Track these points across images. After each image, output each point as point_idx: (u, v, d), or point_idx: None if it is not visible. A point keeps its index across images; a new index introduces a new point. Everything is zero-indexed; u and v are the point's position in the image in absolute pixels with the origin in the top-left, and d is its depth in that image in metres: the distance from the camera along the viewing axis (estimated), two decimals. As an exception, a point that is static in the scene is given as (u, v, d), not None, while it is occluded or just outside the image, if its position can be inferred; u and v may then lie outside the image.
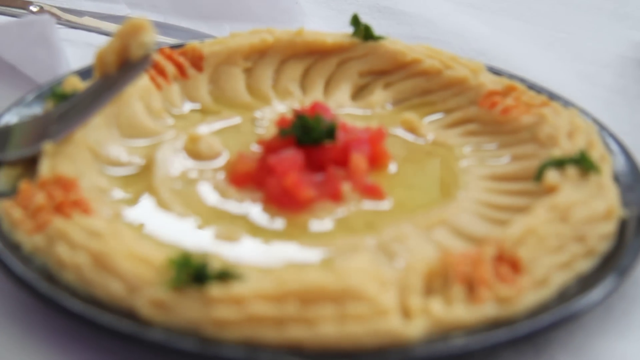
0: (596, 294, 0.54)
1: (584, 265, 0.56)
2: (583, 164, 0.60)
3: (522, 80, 0.69)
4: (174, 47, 0.70)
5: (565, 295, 0.54)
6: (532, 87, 0.69)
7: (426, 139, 0.66)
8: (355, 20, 0.71)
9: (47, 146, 0.60)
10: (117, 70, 0.66)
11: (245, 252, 0.57)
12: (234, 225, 0.58)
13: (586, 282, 0.55)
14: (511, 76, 0.70)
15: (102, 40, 0.70)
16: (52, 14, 0.74)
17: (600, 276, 0.55)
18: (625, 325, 0.56)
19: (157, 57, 0.68)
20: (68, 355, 0.52)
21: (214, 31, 0.75)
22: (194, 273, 0.51)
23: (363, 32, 0.71)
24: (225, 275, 0.51)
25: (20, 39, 0.71)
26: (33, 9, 0.77)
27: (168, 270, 0.51)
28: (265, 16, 0.78)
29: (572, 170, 0.60)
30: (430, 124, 0.67)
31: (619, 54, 0.79)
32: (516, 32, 0.81)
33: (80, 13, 0.77)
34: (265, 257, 0.56)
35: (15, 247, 0.55)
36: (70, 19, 0.77)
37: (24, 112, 0.64)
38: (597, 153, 0.62)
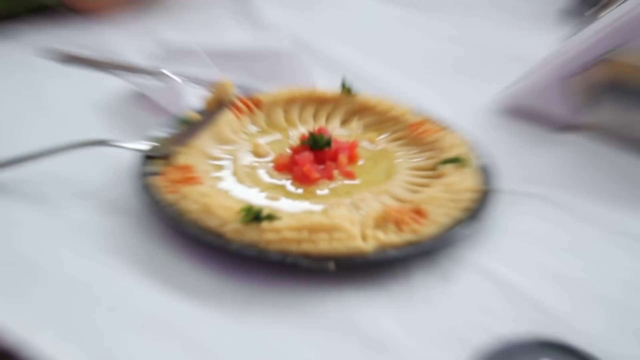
0: (465, 230, 0.58)
1: (459, 215, 0.59)
2: (460, 161, 0.64)
3: (430, 116, 0.72)
4: (245, 95, 0.72)
5: (447, 229, 0.58)
6: (434, 120, 0.71)
7: (378, 147, 0.69)
8: (343, 83, 0.73)
9: (179, 149, 0.64)
10: (215, 107, 0.70)
11: (282, 205, 0.60)
12: (276, 192, 0.62)
13: (459, 222, 0.59)
14: (423, 113, 0.72)
15: (206, 91, 0.72)
16: (182, 80, 0.76)
17: (466, 220, 0.59)
18: (484, 246, 0.59)
19: (236, 101, 0.70)
20: (187, 260, 0.56)
21: (266, 87, 0.75)
22: (254, 215, 0.55)
23: (347, 90, 0.73)
24: (271, 217, 0.55)
25: (165, 91, 0.74)
26: (171, 76, 0.78)
27: (241, 214, 0.55)
28: (294, 79, 0.79)
29: (454, 165, 0.64)
30: (381, 139, 0.70)
31: (485, 102, 0.82)
32: (429, 92, 0.84)
33: (194, 79, 0.78)
34: (292, 207, 0.60)
35: (162, 201, 0.58)
36: (189, 80, 0.78)
37: (167, 130, 0.66)
38: (468, 156, 0.65)
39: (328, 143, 0.66)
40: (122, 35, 0.95)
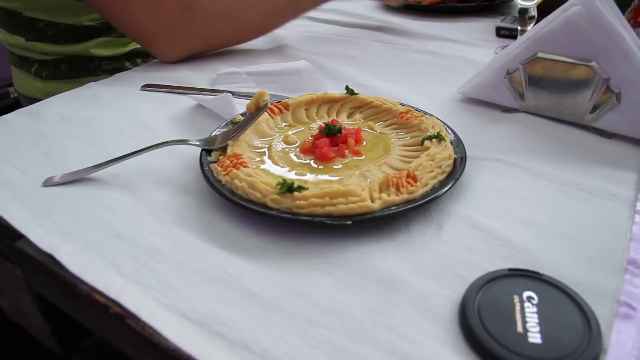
0: (447, 187, 0.50)
1: (441, 177, 0.51)
2: (439, 137, 0.55)
3: (412, 106, 0.63)
4: (277, 101, 0.65)
5: (434, 189, 0.49)
6: (417, 109, 0.63)
7: (377, 132, 0.60)
8: (347, 87, 0.65)
9: (230, 142, 0.56)
10: (255, 110, 0.61)
11: (308, 178, 0.52)
12: (303, 169, 0.54)
13: (443, 183, 0.50)
14: (407, 105, 0.64)
15: (248, 100, 0.64)
16: (230, 94, 0.70)
17: (448, 180, 0.51)
18: (463, 200, 0.51)
19: (270, 105, 0.63)
20: (238, 226, 0.48)
21: (292, 95, 0.68)
22: (287, 187, 0.46)
23: (351, 91, 0.65)
24: (300, 188, 0.47)
25: (219, 103, 0.67)
26: (223, 92, 0.72)
27: (277, 187, 0.47)
28: (312, 88, 0.73)
29: (434, 141, 0.55)
30: (378, 126, 0.61)
31: (450, 95, 0.73)
32: (409, 91, 0.76)
33: (240, 93, 0.74)
34: (316, 179, 0.52)
35: (218, 181, 0.51)
36: (236, 94, 0.73)
37: (221, 130, 0.59)
38: (444, 133, 0.56)
39: (339, 130, 0.57)
40: (191, 70, 0.89)
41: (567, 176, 0.54)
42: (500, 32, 1.03)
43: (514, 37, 0.99)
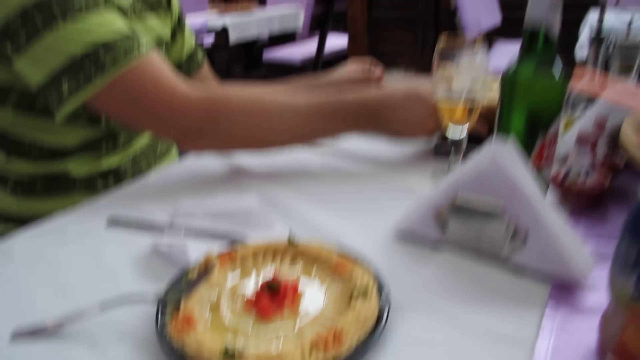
0: (369, 344, 0.57)
1: (364, 332, 0.59)
2: (365, 293, 0.63)
3: (346, 252, 0.71)
4: (227, 248, 0.73)
5: (357, 347, 0.57)
6: (350, 254, 0.70)
7: (313, 281, 0.68)
8: (289, 237, 0.73)
9: (183, 297, 0.63)
10: (205, 268, 0.69)
11: (249, 338, 0.59)
12: (246, 326, 0.61)
13: (366, 339, 0.58)
14: (342, 249, 0.71)
15: (203, 239, 0.72)
16: (187, 235, 0.79)
17: (372, 337, 0.58)
18: (381, 353, 0.57)
19: (221, 255, 0.70)
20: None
21: (242, 232, 0.78)
22: (229, 355, 0.54)
23: (291, 241, 0.72)
24: (240, 356, 0.54)
25: (176, 252, 0.76)
26: (180, 228, 0.80)
27: (222, 353, 0.54)
28: (260, 227, 0.81)
29: (362, 295, 0.62)
30: (316, 275, 0.69)
31: (386, 228, 0.81)
32: (350, 227, 0.83)
33: (196, 230, 0.77)
34: (257, 338, 0.59)
35: (169, 340, 0.58)
36: (193, 230, 0.79)
37: (175, 283, 0.66)
38: (371, 285, 0.64)
39: (279, 287, 0.65)
40: (154, 200, 0.97)
41: (478, 321, 0.62)
42: (437, 151, 1.13)
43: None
